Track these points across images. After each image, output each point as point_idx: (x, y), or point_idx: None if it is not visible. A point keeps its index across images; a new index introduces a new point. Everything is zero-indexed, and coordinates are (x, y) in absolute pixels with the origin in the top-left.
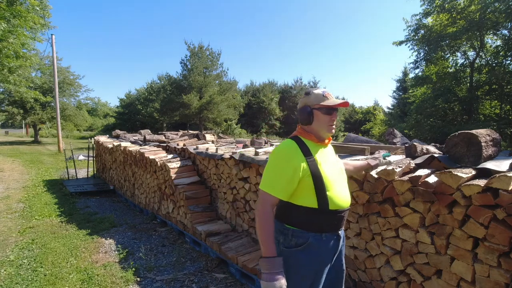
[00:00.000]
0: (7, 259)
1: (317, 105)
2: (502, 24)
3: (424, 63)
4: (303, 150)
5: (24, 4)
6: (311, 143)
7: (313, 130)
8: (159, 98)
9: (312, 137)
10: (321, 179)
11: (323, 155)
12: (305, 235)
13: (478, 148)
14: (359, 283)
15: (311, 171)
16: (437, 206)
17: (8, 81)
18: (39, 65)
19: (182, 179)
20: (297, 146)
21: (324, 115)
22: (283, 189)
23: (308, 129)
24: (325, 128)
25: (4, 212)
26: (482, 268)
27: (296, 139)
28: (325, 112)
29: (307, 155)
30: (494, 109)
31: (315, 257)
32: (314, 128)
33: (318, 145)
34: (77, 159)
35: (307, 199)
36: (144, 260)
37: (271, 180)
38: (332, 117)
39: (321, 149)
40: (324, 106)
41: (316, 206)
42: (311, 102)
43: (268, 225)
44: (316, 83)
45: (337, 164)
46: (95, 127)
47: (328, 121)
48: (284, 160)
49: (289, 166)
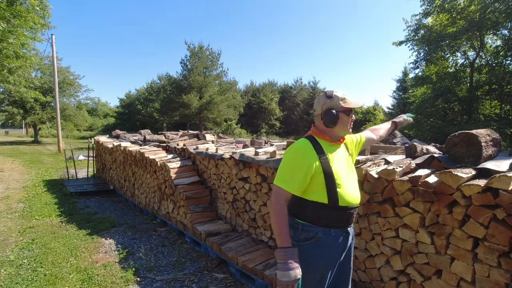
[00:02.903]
0: (7, 259)
1: (342, 107)
2: (502, 24)
3: (424, 63)
4: (317, 149)
5: (24, 4)
6: (325, 142)
7: (332, 131)
8: (159, 98)
9: (326, 137)
10: (332, 177)
11: (336, 154)
12: (314, 230)
13: (478, 148)
14: (359, 283)
15: (323, 168)
16: (437, 206)
17: (8, 81)
18: (39, 65)
19: (182, 179)
20: (311, 145)
21: (346, 116)
22: (297, 184)
23: (324, 129)
24: (346, 129)
25: (4, 212)
26: (482, 268)
27: (310, 139)
28: (348, 114)
29: (320, 153)
30: (494, 109)
31: (324, 251)
32: (335, 129)
33: (332, 144)
34: (77, 159)
35: (318, 195)
36: (144, 260)
37: (286, 175)
38: (351, 117)
39: (334, 148)
40: (348, 108)
41: (327, 202)
42: (336, 106)
43: (282, 216)
44: (316, 83)
45: (348, 162)
46: (95, 127)
47: (350, 122)
48: (299, 158)
49: (303, 163)
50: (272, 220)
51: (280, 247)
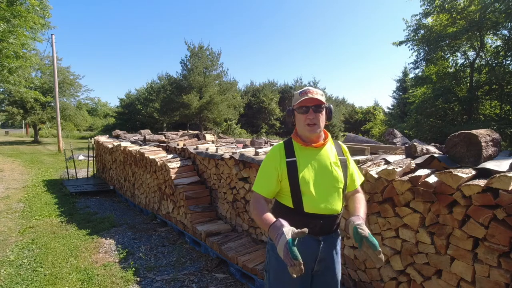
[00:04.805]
0: (7, 259)
1: (295, 105)
2: (502, 24)
3: (424, 63)
4: (288, 152)
5: (24, 4)
6: (298, 145)
7: (300, 132)
8: (159, 98)
9: (299, 139)
10: (296, 182)
11: (309, 158)
12: None
13: (478, 148)
14: (359, 283)
15: (288, 173)
16: (437, 206)
17: (8, 81)
18: (39, 65)
19: (182, 179)
20: (284, 149)
21: (300, 114)
22: (268, 188)
23: (298, 131)
24: (303, 129)
25: (4, 212)
26: (482, 268)
27: (287, 141)
28: (301, 111)
29: (290, 157)
30: (494, 109)
31: None
32: (298, 129)
33: (305, 148)
34: (77, 159)
35: (286, 199)
36: (144, 260)
37: (258, 179)
38: (307, 115)
39: (309, 152)
40: (299, 105)
41: (292, 207)
42: (292, 103)
43: (259, 206)
44: (316, 83)
45: (329, 168)
46: (95, 127)
47: (304, 120)
48: (269, 162)
49: (271, 167)
50: (255, 219)
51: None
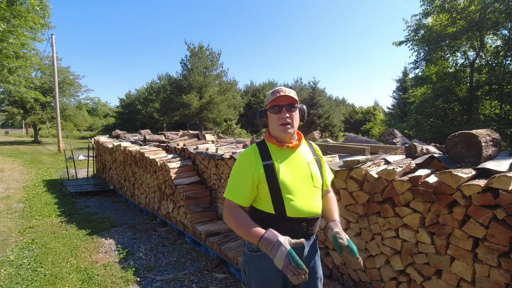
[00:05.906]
0: (7, 259)
1: (267, 105)
2: (502, 24)
3: (424, 63)
4: (263, 155)
5: (24, 4)
6: (273, 147)
7: (274, 133)
8: (159, 98)
9: (274, 140)
10: (277, 186)
11: (288, 160)
12: None
13: (478, 148)
14: (359, 283)
15: (266, 177)
16: (437, 206)
17: (8, 81)
18: (39, 65)
19: (182, 179)
20: (258, 152)
21: (273, 114)
22: (243, 195)
23: (271, 132)
24: (277, 129)
25: (4, 212)
26: (482, 268)
27: (260, 144)
28: (274, 111)
29: (266, 160)
30: (494, 109)
31: (270, 264)
32: (271, 130)
33: (281, 149)
34: (77, 159)
35: (265, 205)
36: (144, 260)
37: (232, 186)
38: (280, 115)
39: (286, 153)
40: (268, 105)
41: (273, 212)
42: (265, 103)
43: (237, 216)
44: (316, 83)
45: (307, 169)
46: (95, 127)
47: (277, 120)
48: (243, 167)
49: (247, 173)
50: (236, 230)
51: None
